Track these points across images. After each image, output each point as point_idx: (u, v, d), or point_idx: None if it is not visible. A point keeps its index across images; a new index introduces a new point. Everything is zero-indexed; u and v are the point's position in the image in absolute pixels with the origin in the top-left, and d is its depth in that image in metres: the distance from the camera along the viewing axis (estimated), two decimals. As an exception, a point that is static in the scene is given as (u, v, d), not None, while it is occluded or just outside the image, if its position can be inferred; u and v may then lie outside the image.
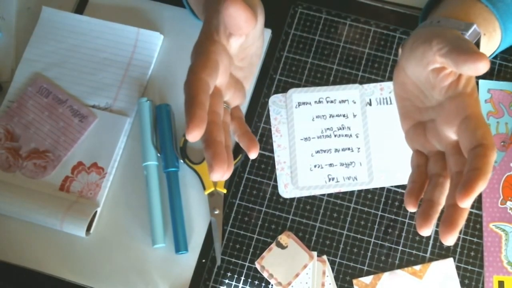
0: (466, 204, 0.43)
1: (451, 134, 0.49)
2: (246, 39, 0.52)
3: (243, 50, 0.53)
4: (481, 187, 0.43)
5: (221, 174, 0.45)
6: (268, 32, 0.70)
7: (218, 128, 0.47)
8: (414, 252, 0.63)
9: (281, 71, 0.70)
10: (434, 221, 0.48)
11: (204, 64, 0.47)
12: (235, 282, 0.63)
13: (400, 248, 0.63)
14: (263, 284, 0.63)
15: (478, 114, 0.47)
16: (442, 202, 0.49)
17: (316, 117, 0.68)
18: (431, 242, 0.63)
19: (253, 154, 0.53)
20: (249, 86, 0.57)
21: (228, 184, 0.66)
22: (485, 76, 0.68)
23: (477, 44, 0.54)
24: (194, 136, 0.43)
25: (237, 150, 0.67)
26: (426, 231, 0.48)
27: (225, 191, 0.65)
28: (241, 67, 0.55)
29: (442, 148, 0.51)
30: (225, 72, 0.50)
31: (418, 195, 0.51)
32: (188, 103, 0.44)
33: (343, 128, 0.67)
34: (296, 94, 0.69)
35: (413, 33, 0.55)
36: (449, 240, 0.46)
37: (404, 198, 0.51)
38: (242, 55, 0.54)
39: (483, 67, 0.45)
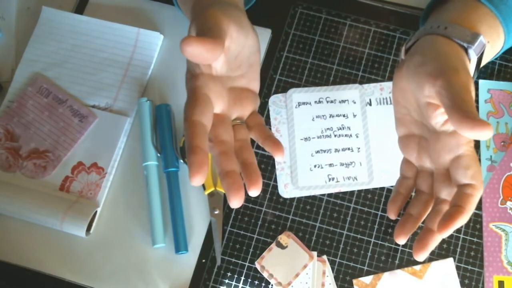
0: (444, 235, 0.47)
1: (442, 164, 0.51)
2: (230, 52, 0.51)
3: (234, 60, 0.52)
4: (461, 223, 0.47)
5: (239, 201, 0.47)
6: (268, 32, 0.70)
7: (228, 157, 0.49)
8: (414, 252, 0.63)
9: (281, 71, 0.70)
10: (410, 232, 0.53)
11: (193, 104, 0.48)
12: (235, 282, 0.63)
13: (400, 248, 0.63)
14: (263, 284, 0.63)
15: (471, 153, 0.50)
16: (422, 218, 0.54)
17: (316, 117, 0.68)
18: (431, 242, 0.63)
19: (279, 157, 0.53)
20: (259, 84, 0.56)
21: (228, 184, 0.66)
22: (485, 76, 0.68)
23: (481, 53, 0.54)
24: (197, 181, 0.45)
25: (237, 150, 0.67)
26: (401, 240, 0.53)
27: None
28: (242, 74, 0.54)
29: (432, 168, 0.54)
30: (220, 97, 0.51)
31: (400, 206, 0.55)
32: (187, 151, 0.46)
33: (343, 128, 0.67)
34: (296, 94, 0.69)
35: (419, 38, 0.54)
36: (420, 257, 0.50)
37: (387, 205, 0.56)
38: (236, 64, 0.53)
39: (487, 135, 0.45)
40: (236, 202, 0.47)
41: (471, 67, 0.53)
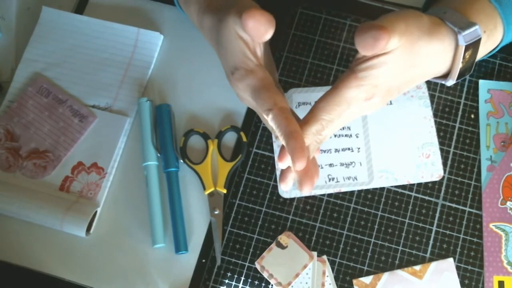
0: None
1: None
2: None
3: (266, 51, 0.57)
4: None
5: (303, 163, 0.49)
6: (268, 32, 0.70)
7: (290, 119, 0.51)
8: (414, 252, 0.63)
9: (281, 71, 0.70)
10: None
11: (272, 93, 0.53)
12: (235, 282, 0.63)
13: (400, 248, 0.63)
14: (263, 284, 0.63)
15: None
16: None
17: (316, 117, 0.68)
18: (431, 242, 0.63)
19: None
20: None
21: (228, 184, 0.66)
22: (485, 76, 0.68)
23: (477, 44, 0.54)
24: (302, 164, 0.49)
25: (237, 150, 0.67)
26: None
27: (225, 191, 0.65)
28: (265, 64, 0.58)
29: None
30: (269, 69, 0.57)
31: None
32: (285, 137, 0.50)
33: (343, 128, 0.67)
34: (296, 94, 0.69)
35: (414, 15, 0.55)
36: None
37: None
38: (266, 56, 0.57)
39: None
40: (300, 164, 0.49)
41: (459, 54, 0.55)
